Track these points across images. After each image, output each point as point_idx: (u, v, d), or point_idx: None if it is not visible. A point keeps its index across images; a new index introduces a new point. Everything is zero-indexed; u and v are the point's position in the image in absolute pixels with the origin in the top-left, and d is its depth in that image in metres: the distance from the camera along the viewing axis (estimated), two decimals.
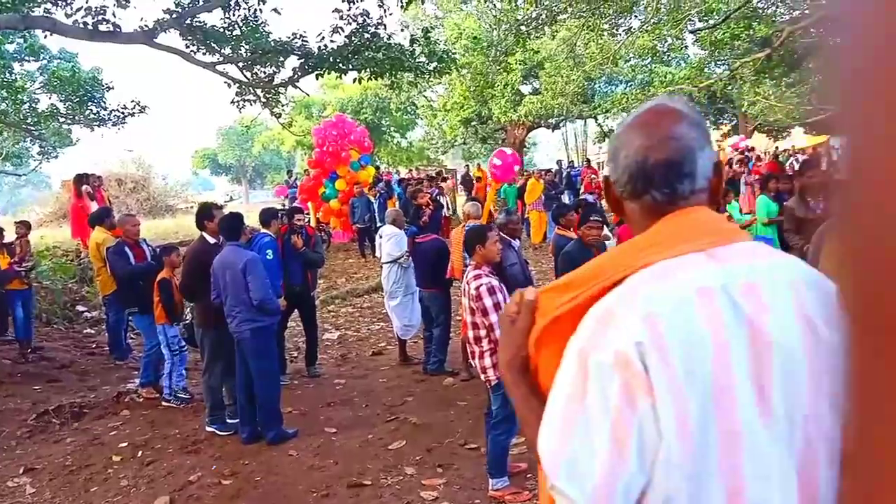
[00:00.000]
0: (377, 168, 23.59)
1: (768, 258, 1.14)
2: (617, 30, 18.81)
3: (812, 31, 15.82)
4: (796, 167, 19.67)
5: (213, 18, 31.19)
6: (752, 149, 23.20)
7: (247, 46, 12.51)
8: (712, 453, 1.03)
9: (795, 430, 1.06)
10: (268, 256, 6.87)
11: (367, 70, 12.19)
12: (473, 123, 31.48)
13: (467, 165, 27.70)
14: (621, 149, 1.24)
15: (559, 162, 29.32)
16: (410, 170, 31.15)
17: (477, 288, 4.58)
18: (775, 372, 1.05)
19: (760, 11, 17.74)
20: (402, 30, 22.57)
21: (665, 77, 20.94)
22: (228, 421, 6.35)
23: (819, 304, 1.08)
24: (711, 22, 17.45)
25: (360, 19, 12.09)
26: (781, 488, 1.04)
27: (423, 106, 33.63)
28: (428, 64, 13.34)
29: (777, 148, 24.27)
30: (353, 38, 12.05)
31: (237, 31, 12.45)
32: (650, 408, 1.02)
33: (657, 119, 1.23)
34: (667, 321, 1.05)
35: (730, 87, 19.26)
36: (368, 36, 12.05)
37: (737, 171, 19.25)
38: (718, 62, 21.97)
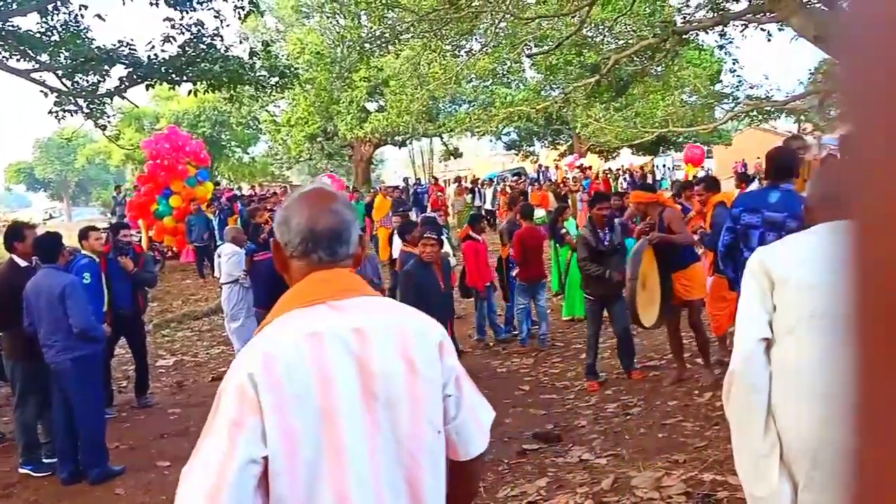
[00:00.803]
0: (216, 184, 22.57)
1: (381, 310, 1.46)
2: (459, 51, 19.32)
3: (635, 59, 17.13)
4: (625, 185, 21.14)
5: (29, 23, 28.63)
6: (588, 167, 24.68)
7: (67, 53, 11.52)
8: (322, 463, 1.30)
9: (401, 445, 1.36)
10: (84, 280, 6.27)
11: (204, 82, 11.64)
12: (319, 139, 31.04)
13: (313, 182, 27.21)
14: (292, 217, 1.46)
15: (406, 179, 29.58)
16: (253, 186, 30.12)
17: None
18: (380, 398, 1.35)
19: (590, 40, 18.94)
20: (241, 42, 21.81)
21: (505, 98, 21.79)
22: (45, 461, 5.75)
23: (420, 348, 1.42)
24: (546, 48, 18.39)
25: (193, 29, 11.53)
26: (391, 493, 1.35)
27: (265, 121, 32.71)
28: (269, 78, 12.97)
29: (610, 169, 25.95)
30: (187, 49, 11.46)
31: (56, 37, 11.44)
32: (258, 424, 1.28)
33: (321, 197, 1.50)
34: (277, 358, 1.33)
35: (564, 110, 20.34)
36: (203, 47, 11.52)
37: (572, 189, 20.37)
38: (554, 86, 23.23)
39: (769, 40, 15.72)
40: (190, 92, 12.41)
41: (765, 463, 1.87)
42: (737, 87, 20.41)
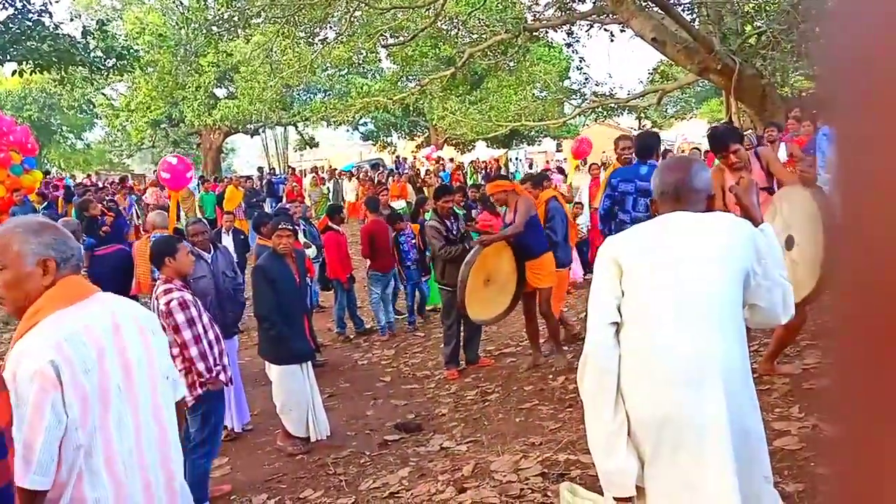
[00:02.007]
0: (46, 172, 20.71)
1: (118, 301, 2.14)
2: (313, 39, 18.91)
3: (489, 53, 17.54)
4: (480, 178, 21.62)
5: None
6: (450, 159, 24.98)
7: None
8: (98, 416, 1.92)
9: (147, 396, 2.08)
10: None
11: (30, 62, 10.59)
12: (163, 126, 29.29)
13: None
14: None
15: (260, 169, 28.65)
16: (88, 175, 27.93)
17: (167, 303, 4.17)
18: (119, 366, 2.01)
19: (445, 33, 19.15)
20: (73, 20, 20.09)
21: (362, 88, 21.59)
22: None
23: (147, 320, 2.21)
24: (402, 39, 18.40)
25: (18, 4, 10.45)
26: (143, 432, 2.05)
27: (101, 105, 30.40)
28: (105, 59, 12.03)
29: (477, 159, 26.42)
30: (11, 25, 10.38)
31: None
32: (59, 396, 1.83)
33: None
34: (68, 344, 1.88)
35: (421, 101, 20.50)
36: (30, 24, 10.47)
37: (428, 181, 20.56)
38: (410, 77, 23.31)
39: (612, 40, 16.68)
40: (14, 72, 11.25)
41: (614, 440, 1.97)
42: (584, 84, 21.48)
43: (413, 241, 8.55)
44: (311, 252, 7.45)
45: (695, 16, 15.34)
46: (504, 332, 7.68)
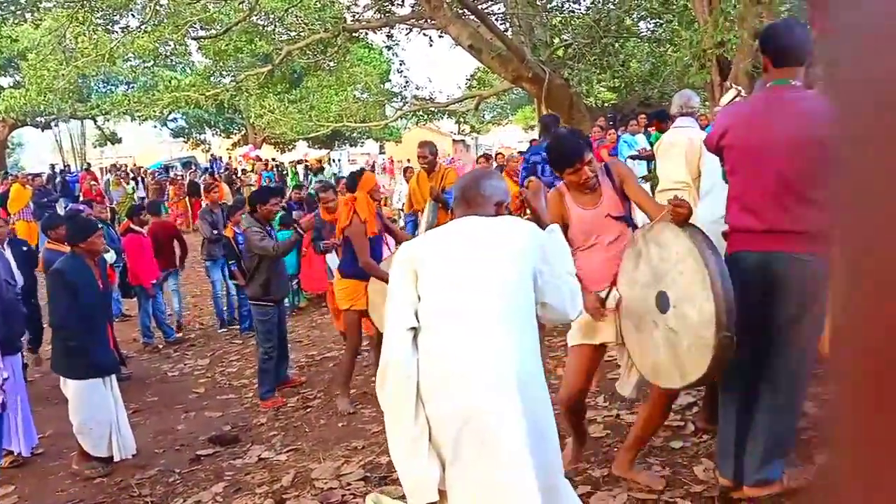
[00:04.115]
0: None
1: None
2: (113, 26, 17.45)
3: (308, 52, 17.18)
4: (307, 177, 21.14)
5: None
6: (261, 159, 24.14)
7: None
8: None
9: None
10: None
11: None
12: None
13: None
14: None
15: (53, 166, 26.06)
16: None
17: None
18: None
19: (261, 28, 18.50)
20: None
21: (170, 82, 20.25)
22: None
23: None
24: (213, 32, 17.51)
25: None
26: None
27: None
28: None
29: (274, 160, 25.70)
30: None
31: None
32: None
33: None
34: None
35: (237, 98, 19.64)
36: None
37: (246, 181, 19.77)
38: (225, 72, 22.26)
39: (431, 45, 16.99)
40: None
41: (415, 445, 1.96)
42: (404, 87, 21.71)
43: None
44: (109, 257, 6.79)
45: (508, 26, 16.05)
46: (327, 335, 7.51)
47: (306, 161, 22.32)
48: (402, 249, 2.23)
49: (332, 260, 6.39)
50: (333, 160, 28.27)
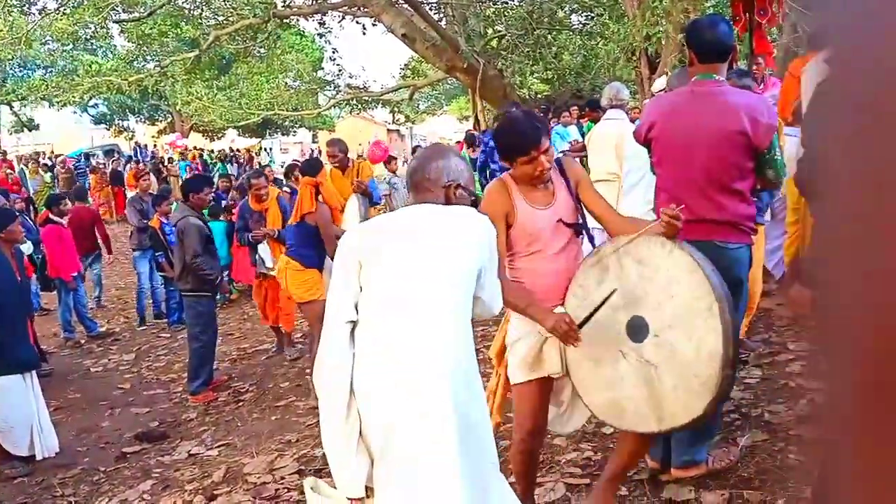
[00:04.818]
0: None
1: None
2: (29, 8, 16.59)
3: (237, 37, 16.73)
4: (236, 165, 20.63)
5: None
6: (194, 148, 23.46)
7: None
8: None
9: None
10: None
11: None
12: None
13: None
14: None
15: None
16: None
17: None
18: None
19: (187, 12, 17.92)
20: None
21: (91, 66, 19.42)
22: None
23: None
24: (136, 15, 16.86)
25: None
26: None
27: None
28: None
29: (195, 148, 25.03)
30: None
31: None
32: None
33: None
34: None
35: (162, 84, 18.98)
36: None
37: (172, 170, 19.18)
38: (149, 57, 21.48)
39: (364, 33, 16.81)
40: None
41: (345, 440, 1.93)
42: (338, 75, 21.41)
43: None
44: (26, 248, 6.47)
45: (442, 16, 16.03)
46: (259, 328, 7.37)
47: (235, 151, 21.83)
48: (346, 238, 2.11)
49: (264, 250, 6.15)
50: (265, 149, 27.72)
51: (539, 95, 19.26)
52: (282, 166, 15.92)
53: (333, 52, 21.49)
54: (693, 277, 2.22)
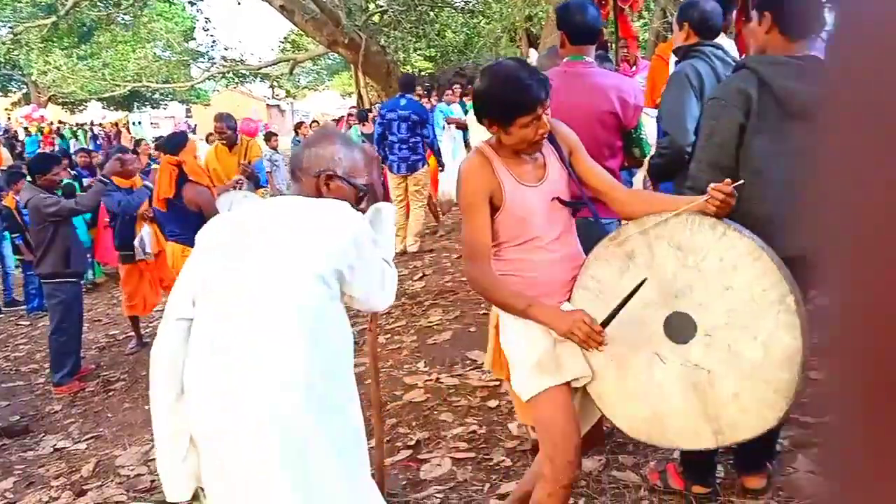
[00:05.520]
0: None
1: None
2: None
3: (99, 4, 15.61)
4: (101, 141, 19.34)
5: None
6: (58, 121, 21.74)
7: None
8: None
9: None
10: None
11: None
12: None
13: None
14: None
15: None
16: None
17: None
18: None
19: None
20: None
21: None
22: None
23: None
24: None
25: None
26: None
27: None
28: None
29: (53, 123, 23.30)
30: None
31: None
32: None
33: None
34: None
35: (15, 52, 17.46)
36: None
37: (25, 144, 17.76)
38: (0, 23, 19.76)
39: (239, 3, 16.13)
40: None
41: (169, 443, 1.80)
42: (211, 46, 20.50)
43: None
44: None
45: None
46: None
47: (99, 125, 20.47)
48: (203, 230, 1.91)
49: (147, 233, 5.74)
50: (133, 123, 26.17)
51: (423, 73, 19.25)
52: (154, 141, 15.10)
53: (206, 22, 20.50)
54: (758, 265, 1.84)
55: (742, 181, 1.90)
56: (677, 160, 2.63)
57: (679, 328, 1.94)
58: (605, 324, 1.93)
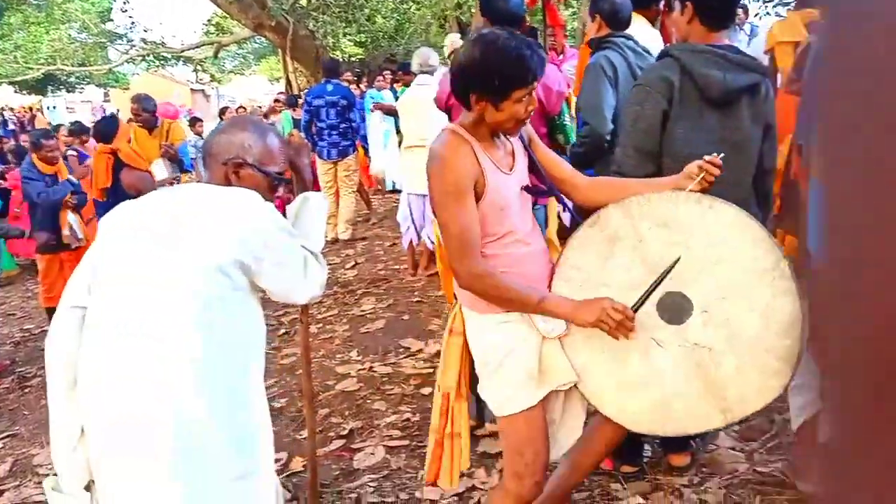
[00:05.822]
0: None
1: None
2: None
3: None
4: (12, 126, 18.33)
5: None
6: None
7: None
8: None
9: None
10: None
11: None
12: None
13: None
14: None
15: None
16: None
17: None
18: None
19: None
20: None
21: None
22: None
23: None
24: None
25: None
26: None
27: None
28: None
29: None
30: None
31: None
32: None
33: None
34: None
35: None
36: None
37: None
38: None
39: None
40: None
41: (68, 433, 1.71)
42: (130, 28, 19.66)
43: None
44: None
45: None
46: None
47: (10, 111, 19.40)
48: (105, 217, 1.82)
49: (75, 220, 5.46)
50: (48, 108, 24.94)
51: (353, 59, 19.02)
52: (71, 126, 14.42)
53: (125, 3, 19.62)
54: (746, 235, 1.81)
55: (723, 154, 1.87)
56: (598, 148, 2.71)
57: (674, 309, 1.87)
58: (635, 308, 1.83)
